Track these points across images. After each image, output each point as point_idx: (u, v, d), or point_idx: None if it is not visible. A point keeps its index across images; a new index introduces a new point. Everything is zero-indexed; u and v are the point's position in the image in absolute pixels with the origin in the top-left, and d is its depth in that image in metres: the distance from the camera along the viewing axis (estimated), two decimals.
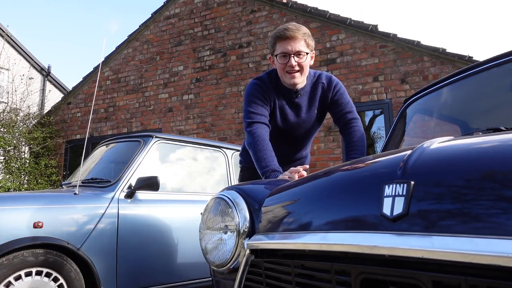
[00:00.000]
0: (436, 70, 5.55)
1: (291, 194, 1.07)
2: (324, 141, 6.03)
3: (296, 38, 1.75)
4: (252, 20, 7.04)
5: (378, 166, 0.89)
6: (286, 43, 1.75)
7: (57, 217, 2.54)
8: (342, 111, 1.93)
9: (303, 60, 1.77)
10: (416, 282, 0.64)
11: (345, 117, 1.92)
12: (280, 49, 1.77)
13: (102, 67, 8.28)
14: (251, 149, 1.76)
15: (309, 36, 1.79)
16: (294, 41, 1.75)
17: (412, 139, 1.92)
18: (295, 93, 1.87)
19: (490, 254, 0.55)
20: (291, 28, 1.76)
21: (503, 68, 1.52)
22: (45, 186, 7.90)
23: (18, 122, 8.55)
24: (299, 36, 1.75)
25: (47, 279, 2.42)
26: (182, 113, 7.35)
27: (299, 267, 0.88)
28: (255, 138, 1.74)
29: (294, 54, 1.75)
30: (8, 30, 11.35)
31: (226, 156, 3.77)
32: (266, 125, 1.80)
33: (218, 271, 1.19)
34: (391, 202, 0.71)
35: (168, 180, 3.27)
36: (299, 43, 1.75)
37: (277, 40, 1.78)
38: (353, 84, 6.03)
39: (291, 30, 1.75)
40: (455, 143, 0.81)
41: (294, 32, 1.74)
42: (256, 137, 1.74)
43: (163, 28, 7.93)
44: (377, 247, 0.69)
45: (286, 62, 1.76)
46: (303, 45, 1.76)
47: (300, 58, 1.77)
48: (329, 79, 1.93)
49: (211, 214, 1.22)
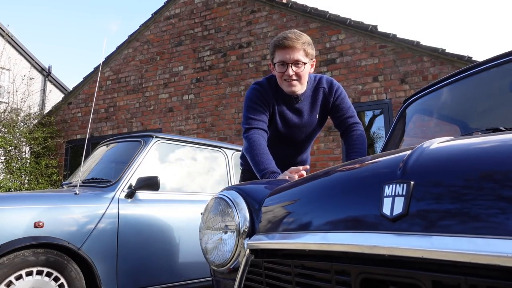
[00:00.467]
0: (435, 70, 5.55)
1: (291, 194, 1.07)
2: (324, 141, 6.03)
3: (294, 48, 1.74)
4: (252, 21, 7.04)
5: (378, 166, 0.89)
6: (284, 52, 1.75)
7: (58, 217, 2.54)
8: (344, 116, 1.92)
9: (301, 70, 1.76)
10: (416, 282, 0.64)
11: (347, 121, 1.92)
12: (279, 58, 1.77)
13: (103, 67, 8.28)
14: (248, 154, 1.77)
15: (309, 45, 1.78)
16: (292, 50, 1.74)
17: (412, 139, 1.92)
18: (296, 99, 1.86)
19: (489, 254, 0.55)
20: (290, 37, 1.75)
21: (503, 68, 1.52)
22: (46, 186, 7.90)
23: (19, 122, 8.56)
24: (298, 46, 1.74)
25: (47, 278, 2.42)
26: (182, 113, 7.35)
27: (299, 267, 0.88)
28: (251, 143, 1.75)
29: (292, 63, 1.74)
30: (9, 31, 11.36)
31: (226, 156, 3.78)
32: (263, 130, 1.80)
33: (218, 271, 1.19)
34: (391, 202, 0.71)
35: (168, 180, 3.27)
36: (298, 53, 1.74)
37: (276, 48, 1.78)
38: (353, 84, 6.03)
39: (290, 39, 1.74)
40: (454, 143, 0.81)
41: (293, 41, 1.74)
42: (252, 143, 1.75)
43: (163, 28, 7.94)
44: (377, 247, 0.69)
45: (284, 71, 1.76)
46: (301, 55, 1.75)
47: (298, 67, 1.76)
48: (330, 83, 1.92)
49: (211, 214, 1.22)
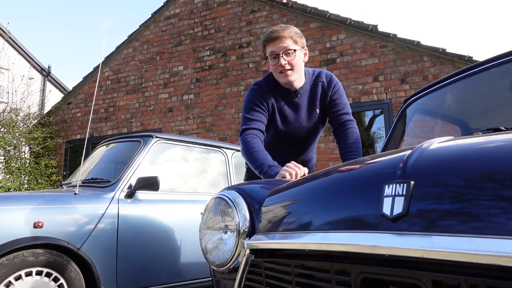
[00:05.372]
0: (436, 70, 5.55)
1: (291, 194, 1.07)
2: (324, 141, 6.02)
3: (282, 37, 1.78)
4: (252, 20, 7.04)
5: (378, 166, 0.89)
6: (273, 44, 1.79)
7: (57, 217, 2.54)
8: (339, 111, 1.92)
9: (292, 57, 1.79)
10: (416, 282, 0.64)
11: (342, 117, 1.92)
12: (269, 50, 1.81)
13: (102, 67, 8.28)
14: (244, 155, 1.79)
15: (296, 34, 1.82)
16: (280, 40, 1.78)
17: (412, 139, 1.92)
18: (294, 92, 1.87)
19: (490, 254, 0.55)
20: (276, 30, 1.80)
21: (503, 68, 1.52)
22: (45, 186, 7.90)
23: (18, 122, 8.55)
24: (285, 34, 1.78)
25: (47, 279, 2.42)
26: (182, 113, 7.35)
27: (299, 267, 0.88)
28: (245, 144, 1.78)
29: (282, 53, 1.77)
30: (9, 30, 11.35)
31: (226, 156, 3.77)
32: (258, 130, 1.82)
33: (218, 271, 1.19)
34: (391, 202, 0.71)
35: (168, 180, 3.27)
36: (286, 41, 1.78)
37: (266, 43, 1.82)
38: (353, 84, 6.03)
39: (277, 31, 1.79)
40: (454, 143, 0.81)
41: (279, 32, 1.78)
42: (246, 143, 1.78)
43: (163, 28, 7.93)
44: (377, 247, 0.69)
45: (276, 62, 1.79)
46: (290, 43, 1.78)
47: (289, 56, 1.78)
48: (330, 77, 1.93)
49: (211, 214, 1.22)
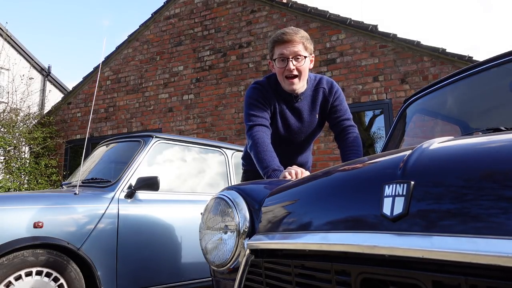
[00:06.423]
0: (436, 70, 5.54)
1: (291, 194, 1.07)
2: (324, 141, 6.02)
3: (294, 41, 1.73)
4: (252, 20, 7.04)
5: (378, 166, 0.89)
6: (284, 47, 1.74)
7: (57, 217, 2.54)
8: (341, 117, 1.92)
9: (302, 64, 1.76)
10: (416, 282, 0.64)
11: (343, 123, 1.92)
12: (278, 52, 1.76)
13: (102, 67, 8.28)
14: (252, 151, 1.75)
15: (307, 40, 1.78)
16: (292, 44, 1.73)
17: (412, 139, 1.92)
18: (295, 97, 1.85)
19: (490, 254, 0.55)
20: (288, 32, 1.75)
21: (503, 68, 1.52)
22: (45, 186, 7.90)
23: (18, 122, 8.54)
24: (297, 39, 1.74)
25: (47, 279, 2.42)
26: (182, 113, 7.35)
27: (299, 267, 0.88)
28: (255, 140, 1.74)
29: (292, 57, 1.74)
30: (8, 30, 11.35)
31: (226, 156, 3.77)
32: (266, 127, 1.79)
33: (218, 271, 1.19)
34: (391, 202, 0.71)
35: (168, 180, 3.26)
36: (297, 46, 1.74)
37: (275, 44, 1.77)
38: (353, 84, 6.03)
39: (289, 34, 1.74)
40: (455, 143, 0.81)
41: (291, 35, 1.73)
42: (256, 140, 1.74)
43: (163, 28, 7.93)
44: (377, 247, 0.69)
45: (284, 66, 1.75)
46: (301, 48, 1.75)
47: (299, 61, 1.75)
48: (331, 84, 1.91)
49: (211, 214, 1.22)
